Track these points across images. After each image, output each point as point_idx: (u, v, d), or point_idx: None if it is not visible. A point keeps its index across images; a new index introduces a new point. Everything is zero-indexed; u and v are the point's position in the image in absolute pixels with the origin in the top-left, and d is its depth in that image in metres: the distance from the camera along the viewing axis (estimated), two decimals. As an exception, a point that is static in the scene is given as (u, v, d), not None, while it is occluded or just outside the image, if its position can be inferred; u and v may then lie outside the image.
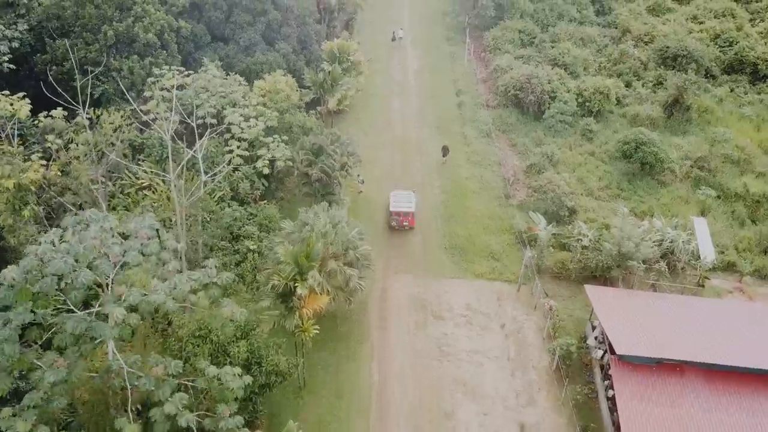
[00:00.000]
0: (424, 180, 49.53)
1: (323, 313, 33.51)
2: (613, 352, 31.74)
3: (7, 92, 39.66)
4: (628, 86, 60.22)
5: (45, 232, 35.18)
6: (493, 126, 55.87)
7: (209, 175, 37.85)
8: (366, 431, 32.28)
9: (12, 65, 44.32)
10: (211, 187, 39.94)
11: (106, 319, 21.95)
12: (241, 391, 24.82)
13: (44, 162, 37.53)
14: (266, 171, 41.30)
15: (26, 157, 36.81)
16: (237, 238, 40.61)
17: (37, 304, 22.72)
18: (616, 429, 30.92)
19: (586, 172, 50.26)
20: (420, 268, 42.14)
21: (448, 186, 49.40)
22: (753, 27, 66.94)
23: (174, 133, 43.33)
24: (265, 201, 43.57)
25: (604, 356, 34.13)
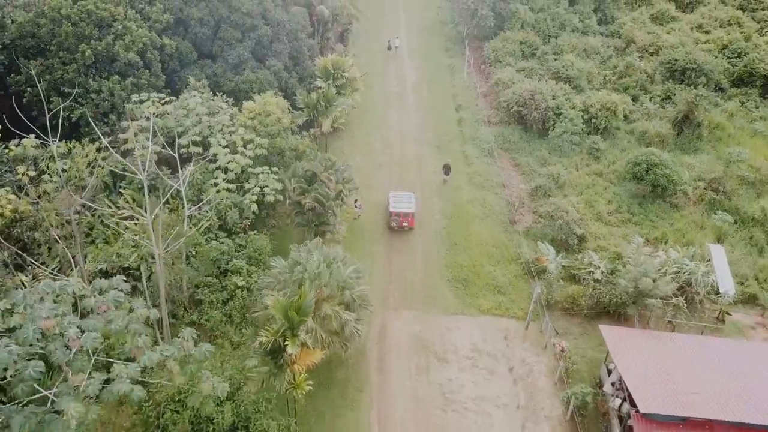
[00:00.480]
0: (424, 204, 46.67)
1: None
2: (634, 405, 29.12)
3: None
4: (635, 101, 57.51)
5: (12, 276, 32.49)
6: (495, 144, 53.15)
7: (194, 208, 35.16)
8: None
9: (-16, 87, 41.55)
10: (198, 218, 37.28)
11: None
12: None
13: (14, 194, 34.86)
14: (254, 208, 38.57)
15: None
16: (225, 273, 37.91)
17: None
18: (638, 490, 28.34)
19: (594, 195, 47.60)
20: (421, 302, 39.42)
21: (449, 210, 46.66)
22: (761, 36, 64.48)
23: (157, 159, 40.72)
24: (255, 231, 40.73)
25: (622, 405, 31.51)
